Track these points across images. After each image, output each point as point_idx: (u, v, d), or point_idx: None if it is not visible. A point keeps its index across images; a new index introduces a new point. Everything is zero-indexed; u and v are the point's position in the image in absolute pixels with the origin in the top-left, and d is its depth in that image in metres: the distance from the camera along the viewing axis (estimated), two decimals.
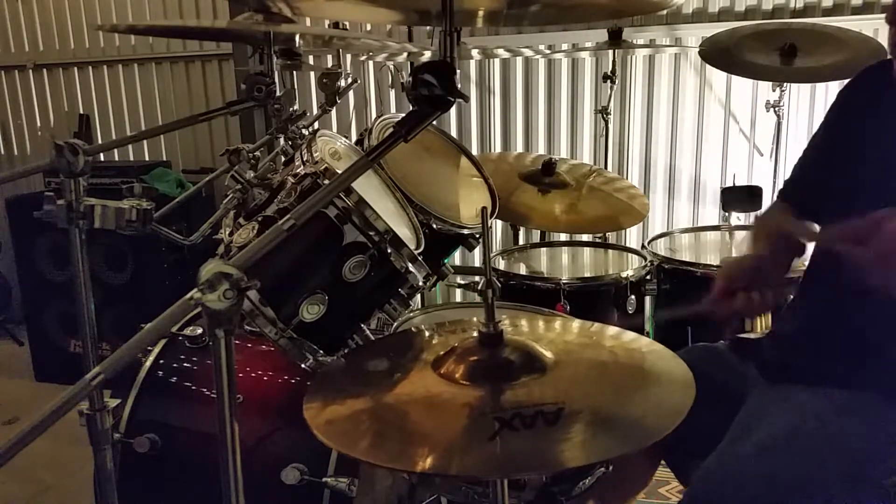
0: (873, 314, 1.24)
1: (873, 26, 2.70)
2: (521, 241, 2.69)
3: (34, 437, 0.70)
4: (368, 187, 1.23)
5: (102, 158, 3.64)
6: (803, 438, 1.14)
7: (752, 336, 1.56)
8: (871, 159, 1.29)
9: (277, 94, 1.56)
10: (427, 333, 1.22)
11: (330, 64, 3.35)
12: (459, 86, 0.93)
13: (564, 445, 0.87)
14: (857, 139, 1.32)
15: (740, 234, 2.55)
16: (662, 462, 1.50)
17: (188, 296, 0.75)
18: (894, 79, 1.28)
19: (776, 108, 2.62)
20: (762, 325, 2.02)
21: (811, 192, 1.43)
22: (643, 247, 2.39)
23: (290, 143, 1.62)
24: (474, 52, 2.94)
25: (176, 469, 1.45)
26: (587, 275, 2.31)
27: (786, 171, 1.68)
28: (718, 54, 2.47)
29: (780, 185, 1.67)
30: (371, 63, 3.42)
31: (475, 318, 1.13)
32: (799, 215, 1.45)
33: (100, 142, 3.57)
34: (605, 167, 2.89)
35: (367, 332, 1.21)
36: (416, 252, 1.19)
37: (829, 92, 2.89)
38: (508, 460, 0.85)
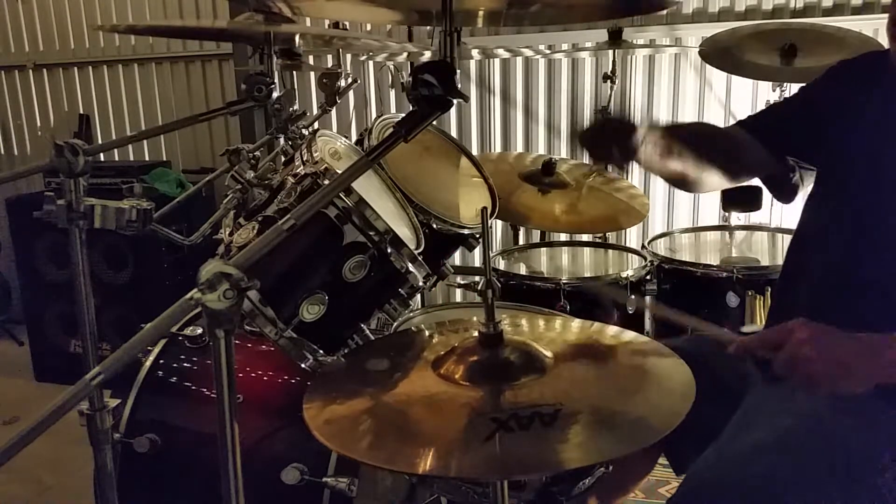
0: (866, 312, 1.25)
1: (873, 26, 2.69)
2: (521, 241, 2.69)
3: (34, 437, 0.70)
4: (368, 187, 1.23)
5: (102, 158, 3.64)
6: (799, 437, 1.14)
7: (751, 331, 1.56)
8: (867, 143, 1.29)
9: (277, 94, 1.56)
10: (427, 333, 1.22)
11: (330, 64, 3.34)
12: (459, 86, 0.93)
13: (564, 446, 0.87)
14: (853, 121, 1.33)
15: (740, 234, 2.55)
16: (663, 462, 1.50)
17: (188, 296, 0.75)
18: (891, 64, 1.29)
19: None
20: (763, 318, 2.02)
21: (783, 130, 1.45)
22: (643, 247, 2.39)
23: (290, 143, 1.62)
24: (474, 52, 2.93)
25: (176, 469, 1.45)
26: (587, 275, 2.31)
27: None
28: (718, 54, 2.47)
29: None
30: (371, 63, 3.42)
31: (475, 318, 1.13)
32: (759, 148, 1.45)
33: (100, 142, 3.57)
34: (605, 167, 2.88)
35: (367, 331, 1.21)
36: (416, 252, 1.19)
37: None
38: (507, 462, 0.85)
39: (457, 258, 3.18)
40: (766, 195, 2.77)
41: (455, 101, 0.93)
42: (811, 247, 1.39)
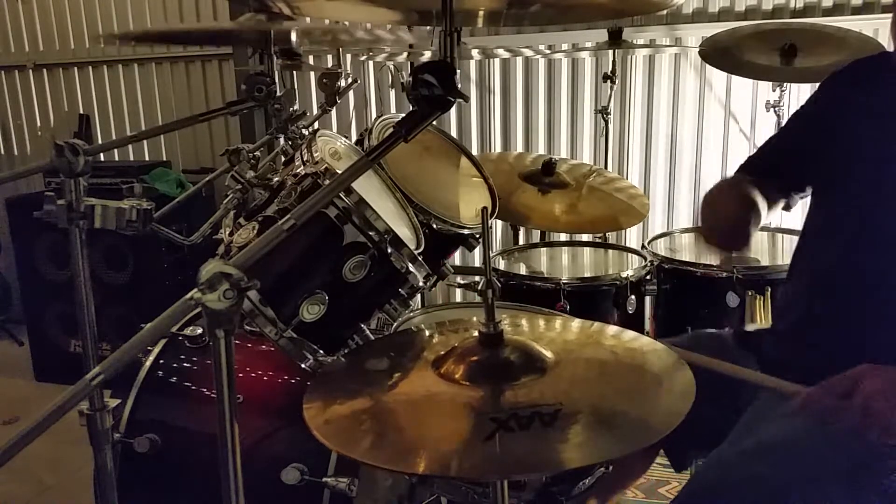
0: (870, 311, 1.25)
1: (873, 26, 2.69)
2: (521, 241, 2.69)
3: (34, 437, 0.70)
4: (368, 187, 1.23)
5: (102, 158, 3.64)
6: (803, 438, 1.14)
7: (754, 328, 1.56)
8: (868, 142, 1.30)
9: (277, 94, 1.56)
10: (427, 333, 1.22)
11: (330, 64, 3.35)
12: (459, 86, 0.93)
13: (564, 446, 0.87)
14: (854, 121, 1.33)
15: None
16: (664, 462, 1.50)
17: (188, 296, 0.75)
18: (893, 64, 1.30)
19: (776, 108, 2.61)
20: (763, 317, 2.02)
21: (794, 161, 1.47)
22: (643, 247, 2.39)
23: (290, 143, 1.62)
24: (474, 52, 2.94)
25: (176, 469, 1.45)
26: (587, 275, 2.31)
27: None
28: (718, 54, 2.46)
29: None
30: (371, 63, 3.42)
31: (475, 318, 1.13)
32: (767, 187, 1.48)
33: (100, 142, 3.57)
34: (605, 167, 2.88)
35: (367, 331, 1.21)
36: (416, 252, 1.19)
37: None
38: (507, 462, 0.85)
39: (457, 258, 3.18)
40: None
41: (455, 101, 0.93)
42: (817, 248, 1.39)
